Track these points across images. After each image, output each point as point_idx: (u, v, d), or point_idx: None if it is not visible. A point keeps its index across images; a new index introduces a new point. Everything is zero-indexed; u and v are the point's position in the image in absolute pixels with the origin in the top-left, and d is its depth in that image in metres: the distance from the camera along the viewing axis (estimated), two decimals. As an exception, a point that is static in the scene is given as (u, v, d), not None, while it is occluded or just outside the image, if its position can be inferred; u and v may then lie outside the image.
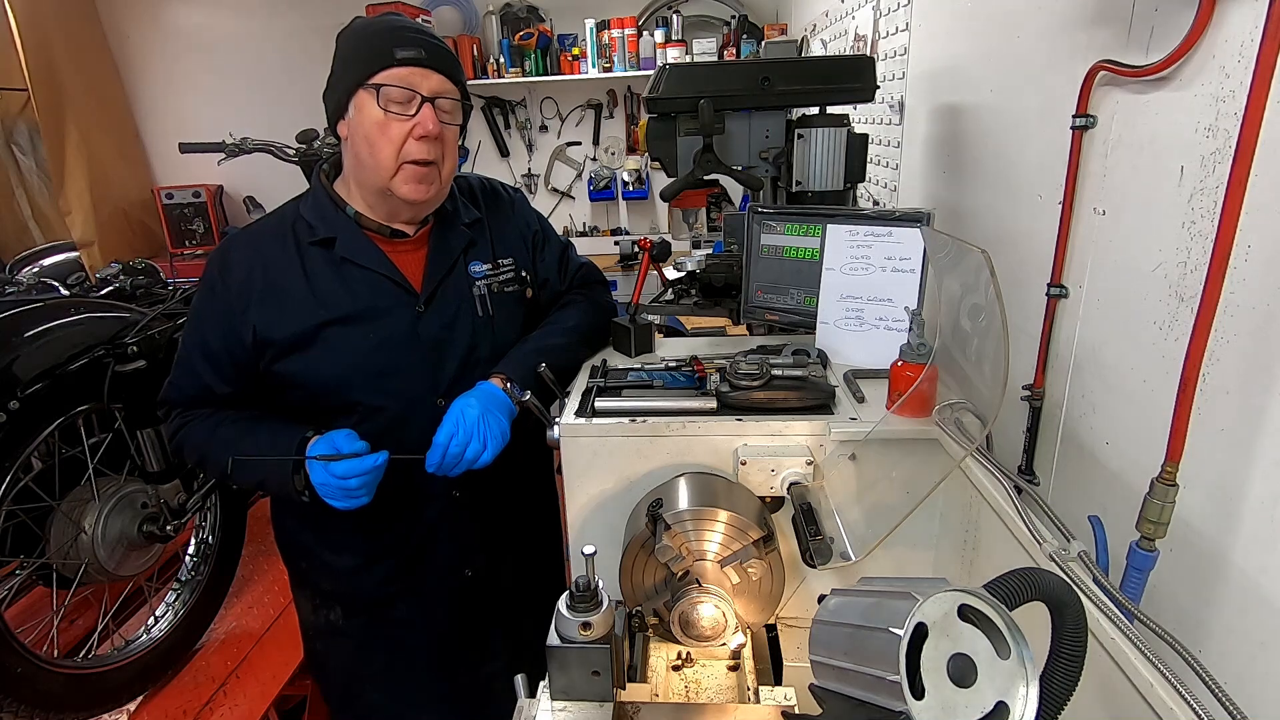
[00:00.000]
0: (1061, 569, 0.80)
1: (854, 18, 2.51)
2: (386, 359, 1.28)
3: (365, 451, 1.17)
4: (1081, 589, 0.76)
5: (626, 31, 4.36)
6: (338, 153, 1.35)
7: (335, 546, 1.41)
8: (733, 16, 4.48)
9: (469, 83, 5.08)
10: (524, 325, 1.43)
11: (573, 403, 1.24)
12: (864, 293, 1.32)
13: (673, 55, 4.32)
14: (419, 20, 1.32)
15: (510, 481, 1.28)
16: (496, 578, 1.50)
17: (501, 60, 4.50)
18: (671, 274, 1.70)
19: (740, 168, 1.53)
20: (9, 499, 1.61)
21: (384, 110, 1.17)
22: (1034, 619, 0.61)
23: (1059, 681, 0.61)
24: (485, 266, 1.38)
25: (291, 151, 2.53)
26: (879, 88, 1.57)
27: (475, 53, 4.46)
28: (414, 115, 1.18)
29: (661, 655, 1.09)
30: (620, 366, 1.38)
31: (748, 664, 1.05)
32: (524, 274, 1.43)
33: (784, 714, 0.91)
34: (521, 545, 1.55)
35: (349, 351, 1.27)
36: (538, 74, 4.52)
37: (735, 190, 1.95)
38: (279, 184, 3.49)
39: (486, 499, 1.40)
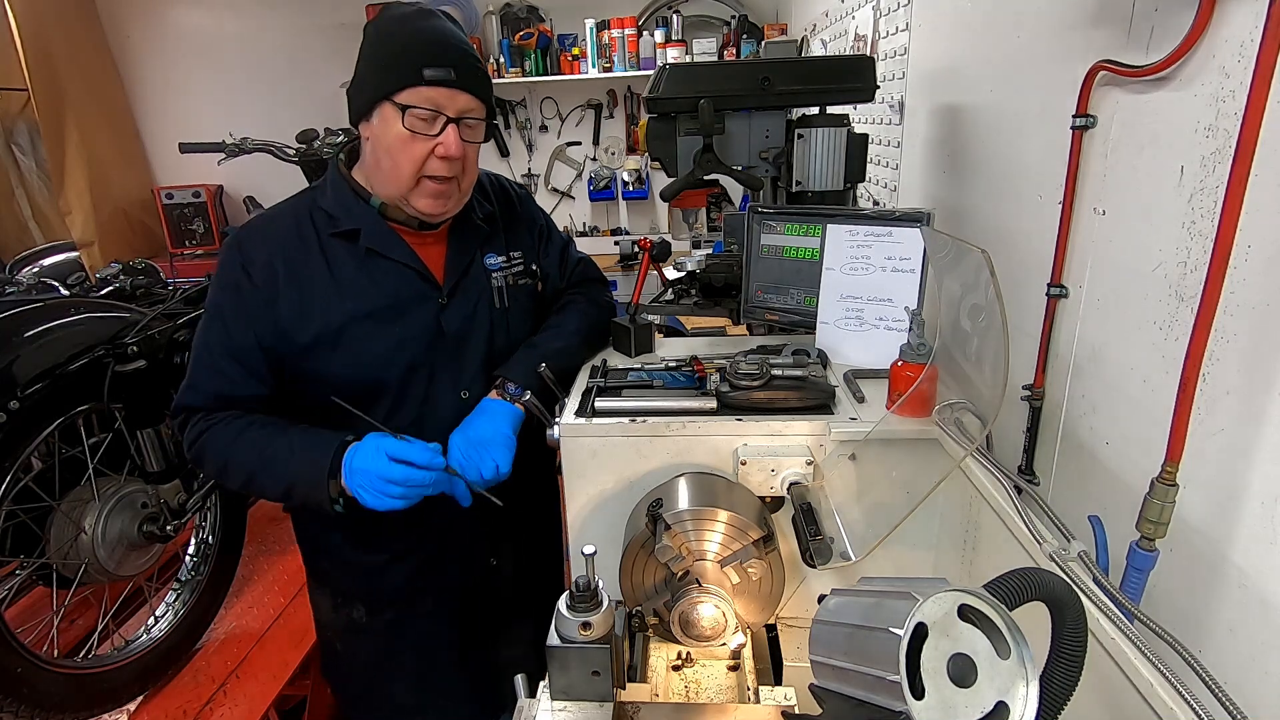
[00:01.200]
0: (1061, 569, 0.80)
1: (854, 18, 2.51)
2: (411, 352, 1.28)
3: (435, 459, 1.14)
4: (1081, 589, 0.76)
5: (626, 31, 4.36)
6: (352, 142, 1.33)
7: (361, 545, 1.41)
8: (733, 16, 4.48)
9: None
10: (536, 322, 1.45)
11: (573, 402, 1.24)
12: (864, 293, 1.32)
13: (673, 55, 4.32)
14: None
15: (524, 473, 1.30)
16: (518, 566, 1.51)
17: (501, 60, 4.49)
18: (671, 274, 1.70)
19: (740, 168, 1.53)
20: (9, 499, 1.61)
21: (408, 130, 1.15)
22: (1034, 619, 0.61)
23: (1059, 681, 0.61)
24: (500, 259, 1.38)
25: (291, 151, 2.53)
26: (879, 88, 1.57)
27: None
28: (437, 135, 1.17)
29: (661, 655, 1.09)
30: (620, 366, 1.38)
31: (748, 664, 1.05)
32: (534, 267, 1.45)
33: (784, 714, 0.91)
34: (538, 534, 1.58)
35: (375, 346, 1.26)
36: (538, 74, 4.52)
37: (735, 190, 1.95)
38: (279, 184, 3.48)
39: (506, 489, 1.41)
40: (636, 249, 1.61)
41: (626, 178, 4.80)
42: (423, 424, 1.29)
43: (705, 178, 1.51)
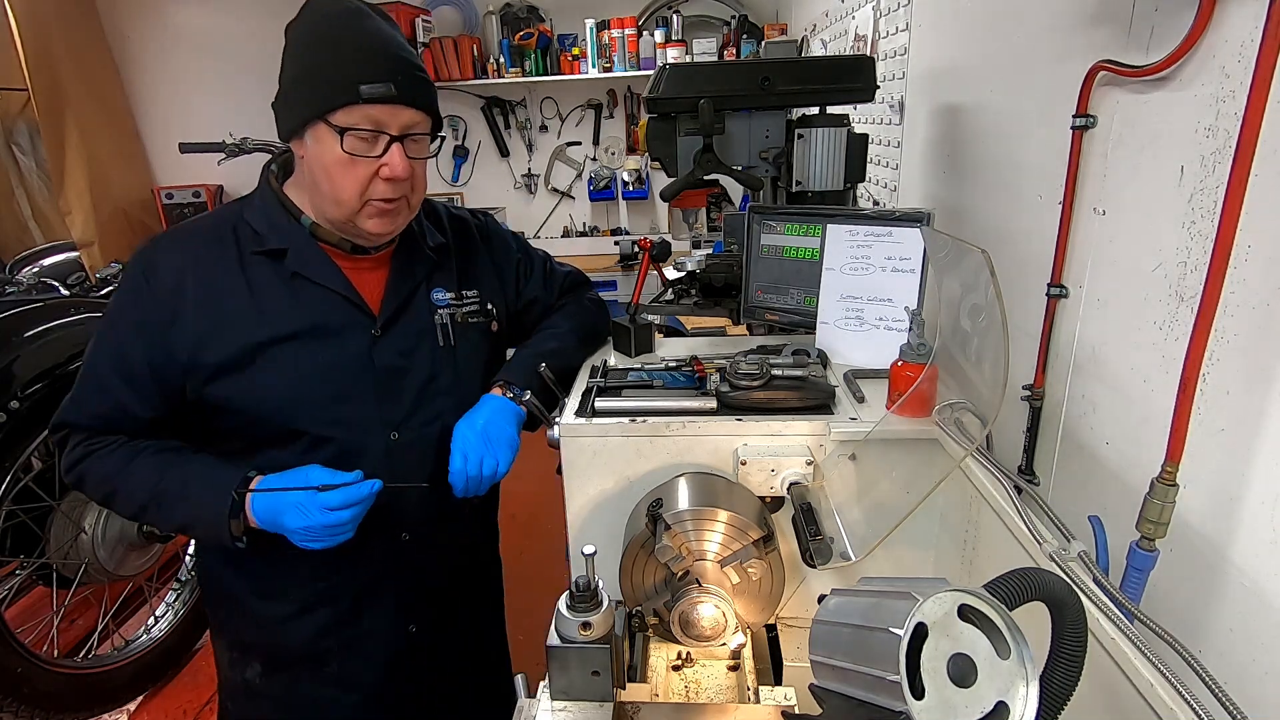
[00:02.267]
0: (1061, 569, 0.80)
1: (854, 18, 2.51)
2: (336, 384, 1.17)
3: (359, 480, 1.09)
4: (1081, 589, 0.76)
5: (626, 31, 4.36)
6: (285, 152, 1.22)
7: (267, 592, 1.27)
8: (733, 16, 4.48)
9: (468, 83, 5.00)
10: (488, 360, 1.36)
11: (573, 403, 1.24)
12: (864, 293, 1.32)
13: (673, 55, 4.32)
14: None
15: (459, 525, 1.22)
16: (439, 636, 1.38)
17: (501, 60, 4.50)
18: (671, 274, 1.70)
19: (740, 168, 1.53)
20: (9, 499, 1.61)
21: (347, 153, 1.05)
22: (1034, 619, 0.61)
23: (1059, 681, 0.61)
24: (448, 295, 1.28)
25: (291, 151, 2.52)
26: (879, 88, 1.57)
27: (475, 53, 4.46)
28: (380, 155, 1.07)
29: (661, 655, 1.09)
30: (620, 366, 1.38)
31: (748, 664, 1.05)
32: (489, 307, 1.34)
33: (784, 714, 0.91)
34: (466, 602, 1.44)
35: (294, 373, 1.14)
36: (538, 74, 4.53)
37: (735, 190, 1.95)
38: (279, 184, 3.49)
39: (434, 544, 1.30)
40: (636, 249, 1.61)
41: (626, 178, 4.81)
42: (345, 463, 1.17)
43: (705, 178, 1.51)
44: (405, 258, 1.25)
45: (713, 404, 1.19)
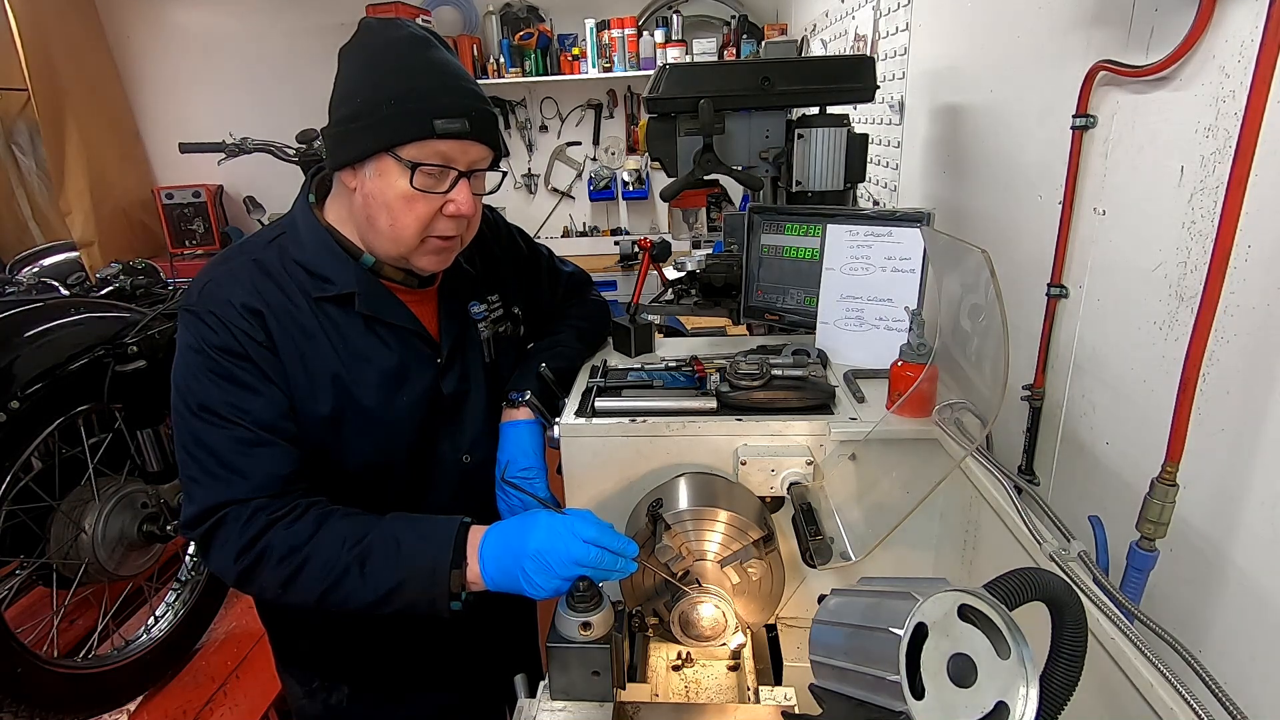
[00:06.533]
0: (1061, 569, 0.80)
1: (854, 18, 2.51)
2: (418, 419, 1.17)
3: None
4: (1081, 589, 0.76)
5: (626, 31, 4.36)
6: (319, 175, 1.18)
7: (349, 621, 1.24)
8: (733, 16, 4.48)
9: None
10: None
11: (573, 403, 1.24)
12: (864, 293, 1.32)
13: (673, 55, 4.32)
14: (423, 19, 1.19)
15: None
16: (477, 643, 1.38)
17: (501, 60, 4.50)
18: (671, 274, 1.70)
19: (740, 168, 1.53)
20: (9, 499, 1.61)
21: (416, 189, 1.01)
22: (1034, 619, 0.61)
23: (1059, 681, 0.61)
24: (481, 307, 1.26)
25: (291, 151, 2.53)
26: (879, 88, 1.57)
27: (475, 53, 4.46)
28: (446, 191, 1.03)
29: (661, 655, 1.09)
30: (620, 366, 1.38)
31: (748, 664, 1.05)
32: (514, 310, 1.34)
33: (784, 714, 0.91)
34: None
35: (390, 416, 1.14)
36: (538, 74, 4.52)
37: (735, 190, 1.96)
38: (279, 184, 3.49)
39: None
40: (636, 249, 1.61)
41: (626, 178, 4.81)
42: (427, 492, 1.20)
43: (705, 178, 1.51)
44: (451, 282, 1.23)
45: (713, 404, 1.19)
